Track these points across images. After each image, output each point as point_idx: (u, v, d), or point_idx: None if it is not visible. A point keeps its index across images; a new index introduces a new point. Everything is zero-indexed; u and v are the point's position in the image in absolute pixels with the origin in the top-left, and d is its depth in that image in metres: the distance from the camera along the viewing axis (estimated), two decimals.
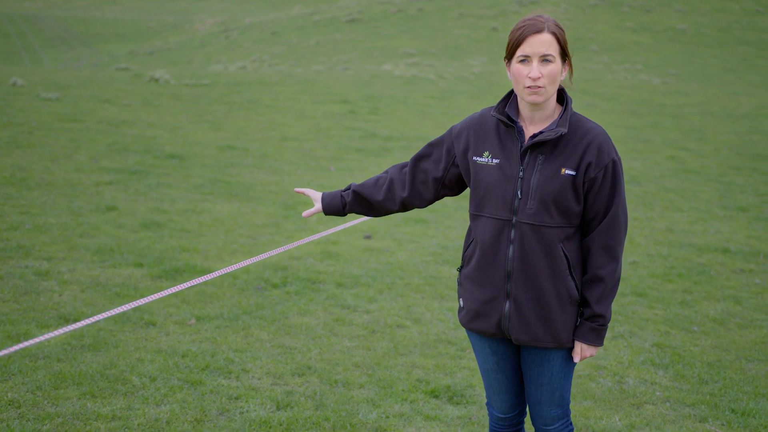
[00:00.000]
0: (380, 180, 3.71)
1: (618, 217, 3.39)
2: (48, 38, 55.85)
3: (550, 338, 3.44)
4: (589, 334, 3.43)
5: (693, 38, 40.74)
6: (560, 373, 3.52)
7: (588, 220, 3.41)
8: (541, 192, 3.34)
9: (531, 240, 3.37)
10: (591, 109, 21.28)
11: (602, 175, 3.35)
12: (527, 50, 3.30)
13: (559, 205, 3.35)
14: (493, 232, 3.42)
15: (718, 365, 6.12)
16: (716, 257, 9.02)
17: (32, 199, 9.26)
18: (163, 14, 69.89)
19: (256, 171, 11.81)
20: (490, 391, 3.71)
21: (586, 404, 5.36)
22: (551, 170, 3.35)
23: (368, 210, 3.76)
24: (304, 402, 5.11)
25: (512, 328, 3.45)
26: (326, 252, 8.26)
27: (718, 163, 15.03)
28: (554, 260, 3.38)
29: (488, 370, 3.64)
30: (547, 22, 3.33)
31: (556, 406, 3.57)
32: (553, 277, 3.39)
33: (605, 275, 3.39)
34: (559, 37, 3.32)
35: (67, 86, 18.29)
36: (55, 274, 6.99)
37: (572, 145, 3.36)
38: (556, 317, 3.42)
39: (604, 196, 3.37)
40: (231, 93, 19.27)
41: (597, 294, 3.40)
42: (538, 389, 3.56)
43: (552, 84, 3.32)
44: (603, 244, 3.39)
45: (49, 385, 5.04)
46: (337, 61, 33.77)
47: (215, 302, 6.70)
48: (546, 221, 3.35)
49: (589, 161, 3.34)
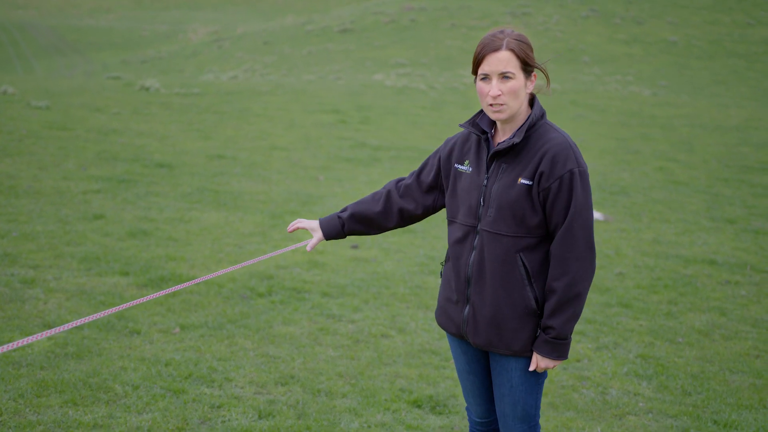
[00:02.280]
0: (377, 194, 3.77)
1: (573, 229, 3.33)
2: (41, 46, 55.81)
3: (503, 346, 3.45)
4: (543, 345, 3.39)
5: (684, 50, 40.90)
6: (521, 386, 3.48)
7: (551, 231, 3.40)
8: (499, 200, 3.38)
9: (490, 247, 3.40)
10: (581, 120, 21.34)
11: (557, 185, 3.33)
12: (486, 69, 3.34)
13: (515, 214, 3.36)
14: (459, 238, 3.50)
15: (702, 377, 6.13)
16: (703, 269, 9.04)
17: (20, 207, 9.25)
18: (157, 23, 69.91)
19: (244, 180, 11.81)
20: (465, 393, 3.76)
21: (568, 415, 5.37)
22: (509, 179, 3.39)
23: (368, 227, 3.76)
24: (286, 411, 5.11)
25: (469, 332, 3.50)
26: (313, 261, 8.27)
27: (707, 175, 15.08)
28: (512, 269, 3.38)
29: (461, 370, 3.71)
30: (506, 38, 3.32)
31: (520, 421, 3.53)
32: (509, 286, 3.39)
33: (557, 288, 3.35)
34: (518, 53, 3.31)
35: (58, 94, 18.28)
36: (40, 282, 6.98)
37: (531, 155, 3.38)
38: (509, 326, 3.41)
39: (560, 207, 3.34)
40: (221, 102, 19.27)
41: (551, 306, 3.37)
42: (500, 400, 3.55)
43: (514, 99, 3.34)
44: (558, 256, 3.35)
45: (31, 393, 5.03)
46: (328, 71, 33.81)
47: (200, 311, 6.69)
48: (503, 230, 3.38)
49: (542, 171, 3.34)
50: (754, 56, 39.86)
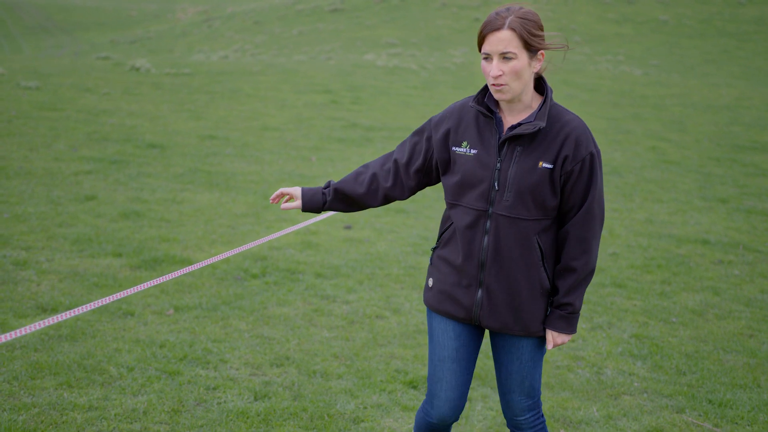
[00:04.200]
0: (360, 175, 3.68)
1: (593, 210, 3.38)
2: (28, 26, 55.43)
3: (520, 327, 3.46)
4: (558, 321, 3.44)
5: (674, 29, 40.87)
6: (530, 361, 3.52)
7: (564, 212, 3.41)
8: (518, 185, 3.33)
9: (506, 231, 3.37)
10: (571, 99, 21.32)
11: (579, 168, 3.34)
12: (487, 48, 3.29)
13: (535, 198, 3.34)
14: (469, 222, 3.42)
15: (696, 356, 6.15)
16: (695, 248, 9.06)
17: (11, 188, 9.20)
18: (145, 3, 69.49)
19: (236, 160, 11.76)
20: (436, 387, 3.59)
21: (563, 395, 5.38)
22: (529, 163, 3.33)
23: (348, 206, 3.71)
24: (281, 392, 5.11)
25: (483, 315, 3.46)
26: (306, 242, 8.25)
27: (699, 154, 15.10)
28: (528, 252, 3.38)
29: (444, 358, 3.57)
30: (510, 16, 3.27)
31: (526, 396, 3.57)
32: (526, 268, 3.40)
33: (578, 266, 3.40)
34: (520, 32, 3.25)
35: (48, 75, 18.16)
36: (33, 264, 6.95)
37: (550, 138, 3.34)
38: (527, 307, 3.43)
39: (580, 189, 3.36)
40: (212, 82, 19.18)
41: (568, 284, 3.42)
42: (507, 377, 3.55)
43: (517, 80, 3.29)
44: (578, 236, 3.39)
45: (25, 375, 5.01)
46: (319, 51, 33.69)
47: (194, 292, 6.67)
48: (522, 214, 3.35)
49: (566, 154, 3.32)
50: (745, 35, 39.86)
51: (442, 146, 3.51)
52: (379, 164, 3.69)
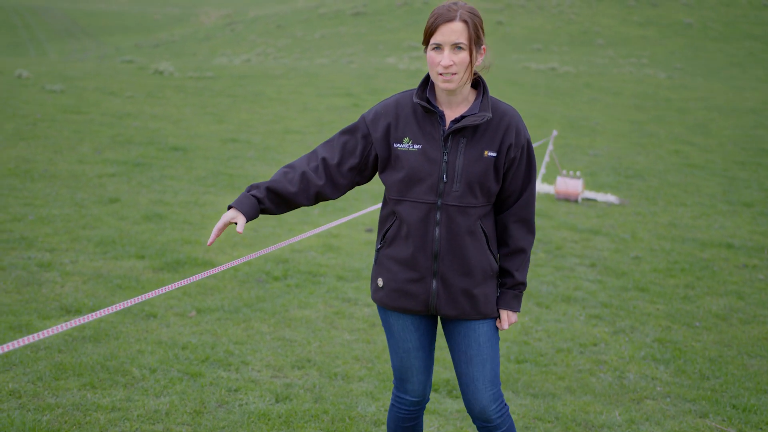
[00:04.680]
0: (288, 174, 3.60)
1: (533, 193, 3.60)
2: (54, 30, 55.87)
3: (476, 312, 3.57)
4: (512, 301, 3.63)
5: (699, 32, 40.64)
6: (487, 343, 3.61)
7: (504, 198, 3.58)
8: (467, 175, 3.45)
9: (457, 221, 3.49)
10: (595, 103, 21.24)
11: (519, 154, 3.52)
12: (439, 39, 3.38)
13: (482, 186, 3.48)
14: (420, 216, 3.50)
15: (720, 361, 6.10)
16: (719, 252, 9.00)
17: (36, 190, 9.27)
18: (169, 7, 69.88)
19: (258, 164, 11.80)
20: (407, 374, 3.73)
21: (585, 399, 5.35)
22: (475, 153, 3.46)
23: (278, 206, 3.62)
24: (303, 395, 5.11)
25: (440, 305, 3.56)
26: (327, 245, 8.26)
27: (723, 158, 15.00)
28: (476, 237, 3.52)
29: (409, 349, 3.68)
30: (460, 9, 3.40)
31: (490, 383, 3.61)
32: (476, 254, 3.53)
33: (526, 246, 3.61)
34: (471, 26, 3.38)
35: (72, 78, 18.30)
36: (57, 266, 7.00)
37: (492, 128, 3.49)
38: (480, 291, 3.56)
39: (521, 175, 3.55)
40: (235, 86, 19.26)
41: (517, 264, 3.61)
42: (468, 364, 3.61)
43: (464, 70, 3.40)
44: (522, 219, 3.59)
45: (49, 376, 5.04)
46: (341, 54, 33.75)
47: (216, 294, 6.70)
48: (471, 202, 3.48)
49: (510, 142, 3.49)
50: None
51: (383, 143, 3.54)
52: (305, 163, 3.63)
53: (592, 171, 13.16)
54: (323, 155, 3.61)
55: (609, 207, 10.97)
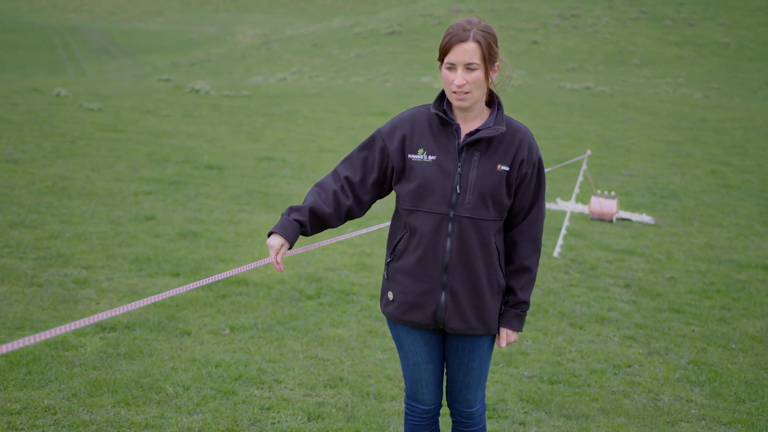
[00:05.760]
0: (321, 194, 3.64)
1: (542, 211, 3.64)
2: (92, 49, 56.59)
3: (483, 326, 3.62)
4: (514, 320, 3.65)
5: (736, 52, 40.33)
6: (485, 358, 3.73)
7: (514, 214, 3.62)
8: (479, 187, 3.49)
9: (470, 233, 3.52)
10: (631, 123, 21.13)
11: (531, 171, 3.57)
12: (452, 59, 3.45)
13: (494, 199, 3.52)
14: (432, 227, 3.53)
15: (756, 384, 6.03)
16: (756, 274, 8.90)
17: (73, 208, 9.38)
18: (206, 26, 70.57)
19: (293, 182, 11.86)
20: (417, 385, 3.78)
21: (619, 421, 5.31)
22: (488, 166, 3.51)
23: (316, 227, 3.65)
24: (335, 414, 5.12)
25: (448, 318, 3.58)
26: (361, 264, 8.28)
27: (760, 179, 14.85)
28: (488, 252, 3.55)
29: (419, 362, 3.73)
30: (474, 29, 3.44)
31: (480, 389, 3.78)
32: (486, 268, 3.56)
33: (531, 265, 3.64)
34: (484, 45, 3.44)
35: (110, 97, 18.52)
36: (93, 283, 7.07)
37: (506, 143, 3.54)
38: (488, 306, 3.60)
39: (531, 191, 3.59)
40: (270, 104, 19.39)
41: (522, 282, 3.64)
42: (467, 374, 3.72)
43: (478, 89, 3.47)
44: (529, 237, 3.62)
45: (84, 393, 5.09)
46: (376, 73, 33.88)
47: (250, 312, 6.73)
48: (483, 215, 3.52)
49: (522, 158, 3.54)
50: None
51: (399, 154, 3.59)
52: (332, 182, 3.67)
53: (627, 191, 13.08)
54: (345, 174, 3.66)
55: (644, 227, 10.90)
